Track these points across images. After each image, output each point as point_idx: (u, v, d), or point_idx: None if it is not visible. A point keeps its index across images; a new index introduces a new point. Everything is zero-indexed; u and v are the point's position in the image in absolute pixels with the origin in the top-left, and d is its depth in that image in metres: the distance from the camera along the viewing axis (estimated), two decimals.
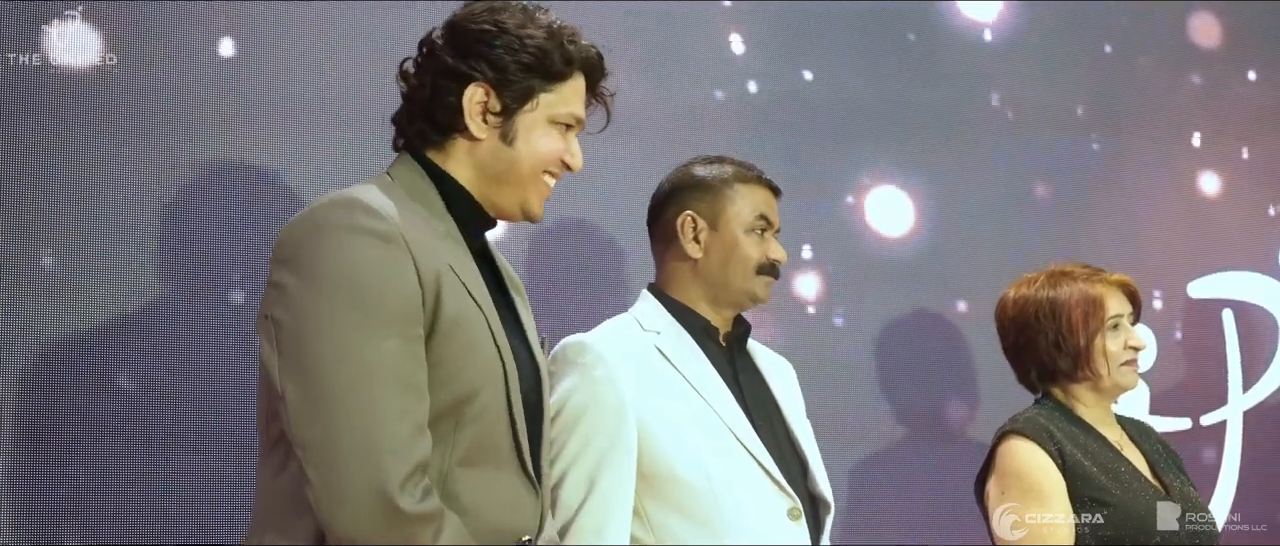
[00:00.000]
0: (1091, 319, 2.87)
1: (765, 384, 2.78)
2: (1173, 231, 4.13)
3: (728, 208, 2.72)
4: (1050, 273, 2.95)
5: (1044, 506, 2.76)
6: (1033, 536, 2.75)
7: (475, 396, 2.00)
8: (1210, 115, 4.28)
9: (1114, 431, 2.94)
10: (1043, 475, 2.78)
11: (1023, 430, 2.83)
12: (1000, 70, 3.97)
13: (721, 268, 2.71)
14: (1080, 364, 2.88)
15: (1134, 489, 2.81)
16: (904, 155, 3.79)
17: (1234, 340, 4.15)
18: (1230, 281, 4.19)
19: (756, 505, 2.58)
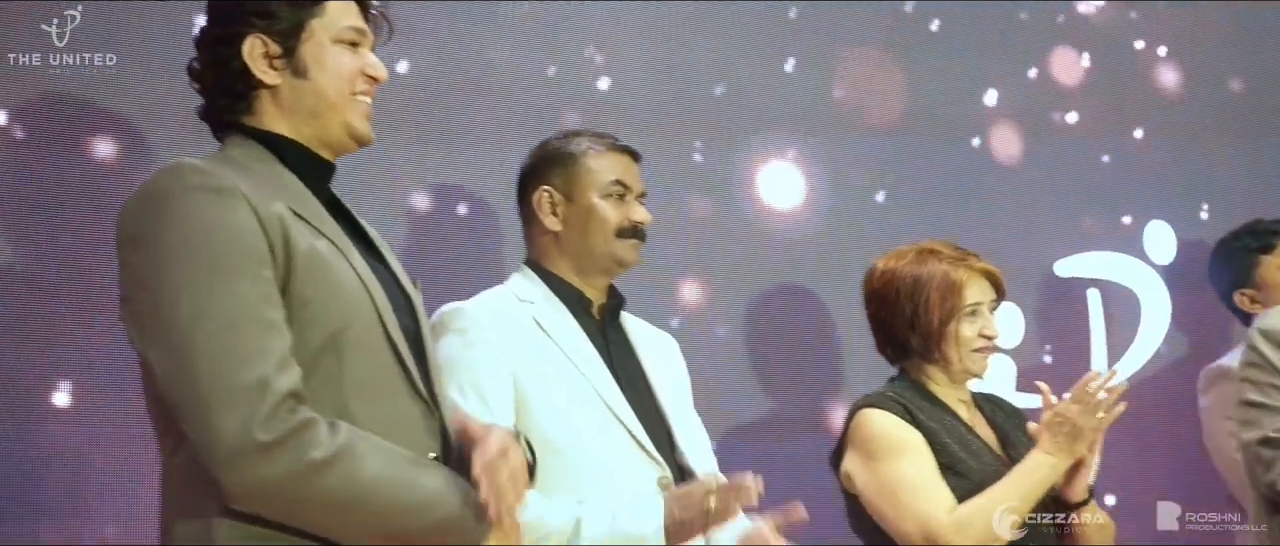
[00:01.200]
0: (947, 302, 2.92)
1: (636, 355, 2.86)
2: (1038, 210, 4.21)
3: (582, 177, 2.80)
4: (920, 249, 3.00)
5: (913, 455, 2.83)
6: (912, 480, 2.80)
7: (347, 328, 2.02)
8: (1096, 99, 4.37)
9: (966, 409, 3.01)
10: (906, 432, 2.86)
11: (875, 402, 2.91)
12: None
13: (582, 236, 2.80)
14: (932, 345, 2.94)
15: (984, 460, 2.89)
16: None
17: (1099, 319, 4.26)
18: (1096, 261, 4.29)
19: (626, 472, 2.66)
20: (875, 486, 2.85)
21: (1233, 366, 3.73)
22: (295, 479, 1.88)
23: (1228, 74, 4.58)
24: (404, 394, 2.08)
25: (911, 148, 4.11)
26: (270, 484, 1.88)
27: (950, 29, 4.17)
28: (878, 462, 2.85)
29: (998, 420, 3.04)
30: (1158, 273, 4.35)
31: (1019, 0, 4.31)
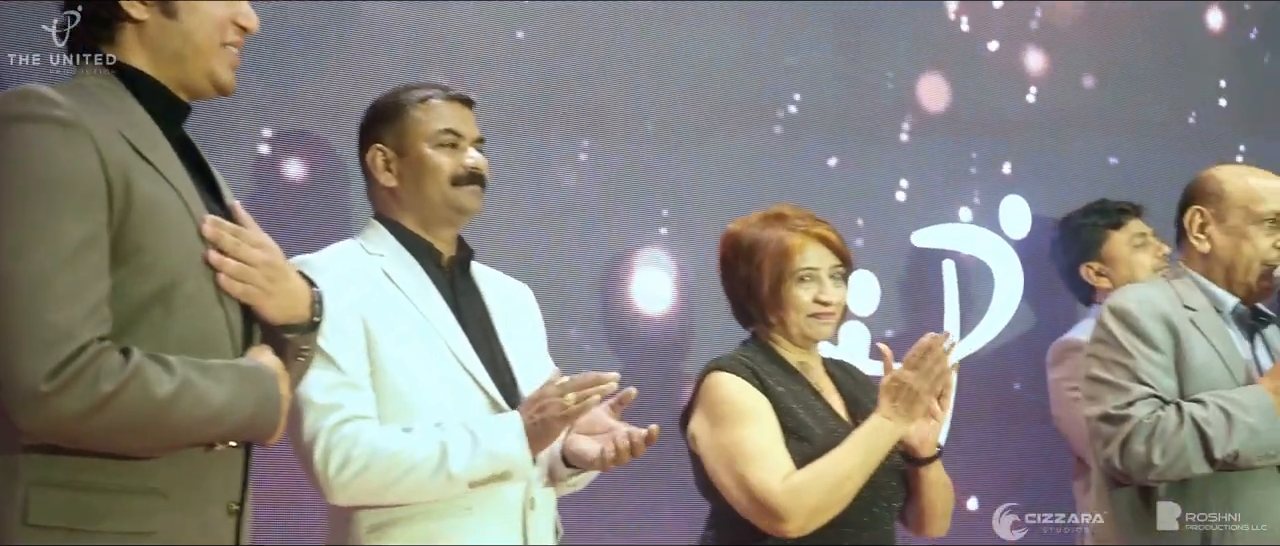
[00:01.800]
0: (778, 268, 2.93)
1: (485, 306, 2.87)
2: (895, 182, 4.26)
3: (411, 129, 2.82)
4: (768, 213, 3.01)
5: (757, 421, 2.85)
6: (754, 446, 2.82)
7: (181, 282, 2.01)
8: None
9: (815, 373, 3.03)
10: (752, 397, 2.87)
11: (724, 366, 2.92)
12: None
13: (418, 188, 2.81)
14: (767, 310, 2.96)
15: (829, 425, 2.92)
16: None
17: (953, 290, 4.32)
18: (952, 233, 4.35)
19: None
20: (716, 449, 2.87)
21: (1081, 340, 3.82)
22: (88, 413, 1.88)
23: (1082, 71, 4.67)
24: (230, 353, 2.07)
25: None
26: (64, 422, 1.88)
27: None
28: (721, 426, 2.87)
29: (847, 387, 3.06)
30: (1012, 247, 4.42)
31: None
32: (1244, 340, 3.17)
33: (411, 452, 2.59)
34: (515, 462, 2.62)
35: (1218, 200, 3.17)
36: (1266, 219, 3.14)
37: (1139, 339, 3.05)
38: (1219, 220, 3.16)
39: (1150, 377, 3.03)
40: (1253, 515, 3.01)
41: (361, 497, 2.61)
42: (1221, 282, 3.17)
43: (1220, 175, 3.22)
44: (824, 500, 2.78)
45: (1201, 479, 3.01)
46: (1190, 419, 2.95)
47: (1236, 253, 3.14)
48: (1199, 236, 3.18)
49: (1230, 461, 2.96)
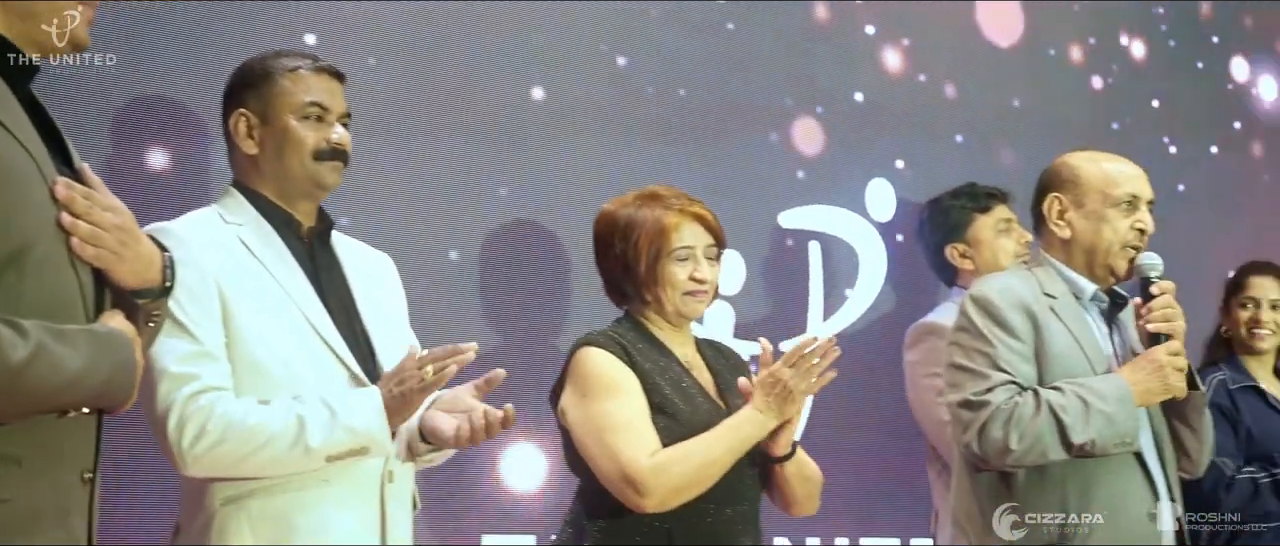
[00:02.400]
0: (655, 244, 2.96)
1: (344, 277, 2.87)
2: (767, 163, 4.30)
3: (277, 99, 2.80)
4: (643, 193, 3.04)
5: (624, 396, 2.88)
6: (620, 419, 2.85)
7: (33, 245, 1.98)
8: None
9: (686, 351, 3.07)
10: (620, 372, 2.90)
11: (595, 341, 2.96)
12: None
13: (278, 159, 2.79)
14: (643, 288, 2.99)
15: (696, 403, 2.96)
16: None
17: (818, 271, 4.38)
18: (819, 214, 4.40)
19: (331, 393, 2.67)
20: (584, 424, 2.89)
21: (939, 323, 3.90)
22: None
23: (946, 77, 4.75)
24: (83, 318, 2.05)
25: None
26: None
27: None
28: (589, 401, 2.90)
29: (718, 366, 3.10)
30: (876, 229, 4.49)
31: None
32: (1102, 326, 3.24)
33: (268, 426, 2.58)
34: (373, 437, 2.63)
35: (1074, 186, 3.24)
36: (1123, 201, 3.20)
37: (999, 327, 3.12)
38: (1077, 206, 3.23)
39: (1009, 365, 3.09)
40: (1110, 506, 3.08)
41: (216, 469, 2.60)
42: (1083, 268, 3.24)
43: (1074, 162, 3.28)
44: (687, 480, 2.81)
45: (1060, 470, 3.07)
46: (1047, 405, 3.01)
47: (1097, 236, 3.21)
48: (1059, 223, 3.24)
49: (1088, 448, 3.02)
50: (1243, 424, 4.06)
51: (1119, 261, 3.20)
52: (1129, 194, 3.21)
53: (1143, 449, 3.12)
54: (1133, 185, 3.22)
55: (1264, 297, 4.18)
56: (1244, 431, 4.06)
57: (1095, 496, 3.07)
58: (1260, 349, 4.20)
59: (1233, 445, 4.01)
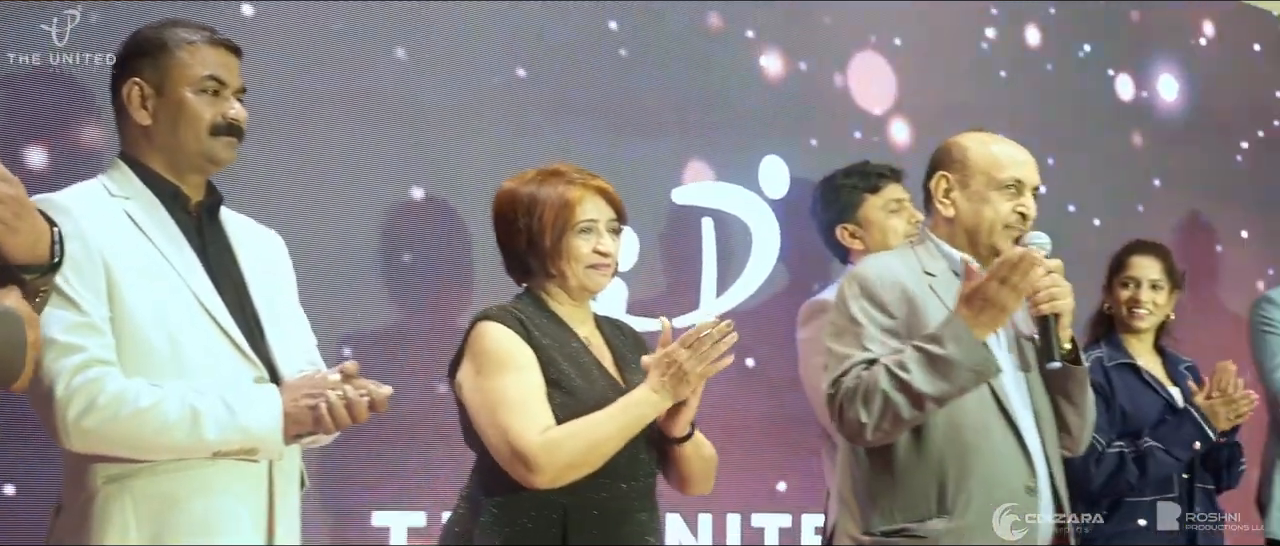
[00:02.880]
0: (561, 219, 2.98)
1: (233, 253, 2.83)
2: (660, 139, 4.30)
3: (174, 70, 2.75)
4: (544, 170, 3.06)
5: (519, 372, 2.89)
6: (513, 395, 2.86)
7: None
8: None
9: (585, 327, 3.08)
10: (516, 347, 2.91)
11: (494, 315, 2.96)
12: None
13: (172, 132, 2.75)
14: (549, 262, 3.00)
15: (594, 379, 2.98)
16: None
17: (711, 248, 4.39)
18: (712, 191, 4.42)
19: (221, 371, 2.65)
20: (478, 399, 2.90)
21: (831, 300, 3.92)
22: None
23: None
24: None
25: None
26: None
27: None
28: (484, 376, 2.90)
29: (617, 342, 3.12)
30: (770, 206, 4.51)
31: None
32: None
33: (163, 412, 2.54)
34: (267, 442, 2.61)
35: (962, 167, 3.27)
36: (1008, 184, 3.24)
37: (872, 305, 3.15)
38: (963, 186, 3.26)
39: (874, 342, 3.13)
40: (988, 480, 3.11)
41: (100, 446, 2.56)
42: (966, 247, 3.27)
43: (964, 142, 3.32)
44: (578, 458, 2.82)
45: (938, 445, 3.11)
46: (885, 369, 3.05)
47: (978, 217, 3.24)
48: (944, 202, 3.28)
49: (942, 395, 3.04)
50: (1116, 401, 4.15)
51: (1000, 241, 3.24)
52: (1013, 178, 3.25)
53: (1020, 423, 3.16)
54: (1018, 170, 3.26)
55: (1145, 277, 4.27)
56: (1118, 408, 4.14)
57: (972, 470, 3.10)
58: (1139, 327, 4.28)
59: (1105, 421, 4.07)
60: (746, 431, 4.38)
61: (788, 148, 4.57)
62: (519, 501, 2.87)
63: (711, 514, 4.30)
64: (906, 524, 3.13)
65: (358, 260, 3.74)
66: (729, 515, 4.34)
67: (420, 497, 3.78)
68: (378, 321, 3.75)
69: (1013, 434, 3.15)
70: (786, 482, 4.43)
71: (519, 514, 2.87)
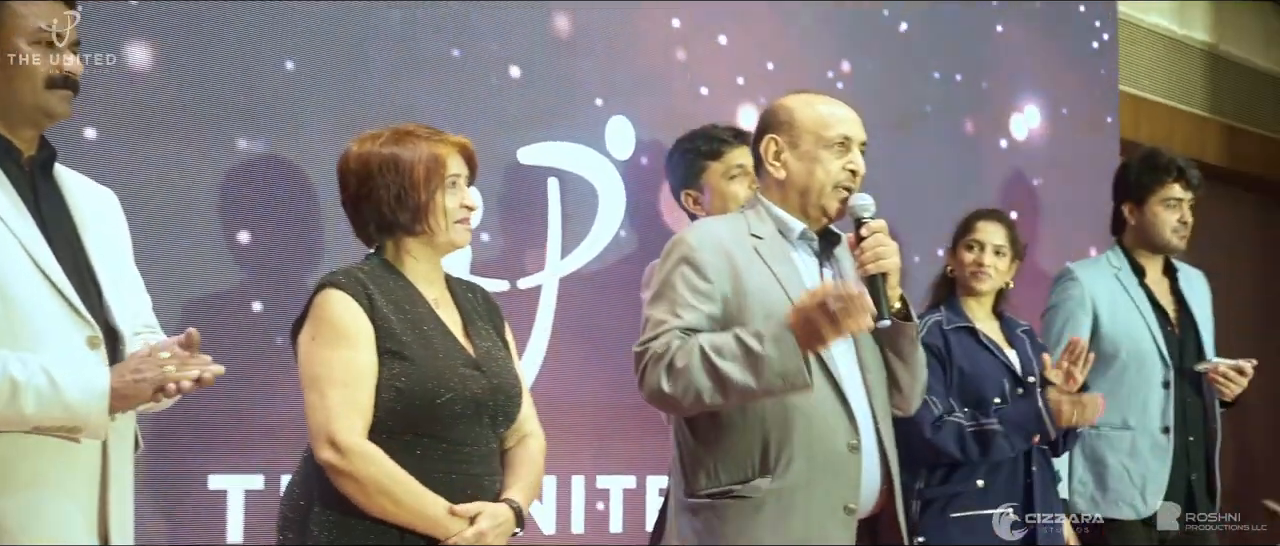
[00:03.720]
0: (433, 176, 3.01)
1: (68, 210, 2.78)
2: (504, 98, 4.27)
3: (7, 22, 2.71)
4: (396, 130, 3.07)
5: (351, 348, 2.90)
6: (341, 373, 2.87)
7: None
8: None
9: (436, 289, 3.09)
10: (355, 322, 2.92)
11: (338, 282, 2.96)
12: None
13: (7, 86, 2.70)
14: (420, 218, 3.01)
15: (436, 345, 2.98)
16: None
17: (557, 208, 4.38)
18: (558, 151, 4.40)
19: (53, 330, 2.62)
20: (308, 367, 2.93)
21: None
22: None
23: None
24: None
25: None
26: None
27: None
28: (317, 345, 2.92)
29: (467, 305, 3.13)
30: (616, 167, 4.51)
31: None
32: (813, 263, 3.31)
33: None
34: (89, 421, 2.58)
35: (790, 128, 3.29)
36: (836, 143, 3.26)
37: (691, 270, 3.16)
38: (792, 147, 3.28)
39: (687, 308, 3.15)
40: (809, 439, 3.13)
41: None
42: (797, 208, 3.29)
43: (790, 104, 3.34)
44: (375, 487, 2.86)
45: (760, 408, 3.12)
46: (700, 349, 3.06)
47: (810, 177, 3.26)
48: (774, 164, 3.30)
49: (749, 390, 3.03)
50: (954, 362, 4.24)
51: (830, 201, 3.27)
52: (841, 135, 3.27)
53: (843, 381, 3.18)
54: (845, 127, 3.29)
55: (989, 242, 4.36)
56: (955, 370, 4.23)
57: (794, 429, 3.13)
58: (980, 290, 4.37)
59: (942, 384, 4.18)
60: (592, 393, 4.38)
61: (634, 109, 4.56)
62: None
63: (556, 476, 4.30)
64: (730, 484, 3.15)
65: (192, 217, 3.64)
66: (574, 477, 4.35)
67: (258, 460, 3.71)
68: (214, 280, 3.67)
69: (835, 393, 3.18)
70: (631, 445, 4.45)
71: None
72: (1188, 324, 4.74)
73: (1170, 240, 4.71)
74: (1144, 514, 4.55)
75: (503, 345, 3.15)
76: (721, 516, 3.14)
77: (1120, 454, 4.58)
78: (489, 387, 3.00)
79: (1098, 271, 4.75)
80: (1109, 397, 4.52)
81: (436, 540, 2.91)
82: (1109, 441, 4.60)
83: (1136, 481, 4.56)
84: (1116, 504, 4.56)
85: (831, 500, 3.15)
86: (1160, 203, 4.70)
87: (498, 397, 3.02)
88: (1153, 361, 4.63)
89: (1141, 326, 4.65)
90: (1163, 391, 4.61)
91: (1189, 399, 4.63)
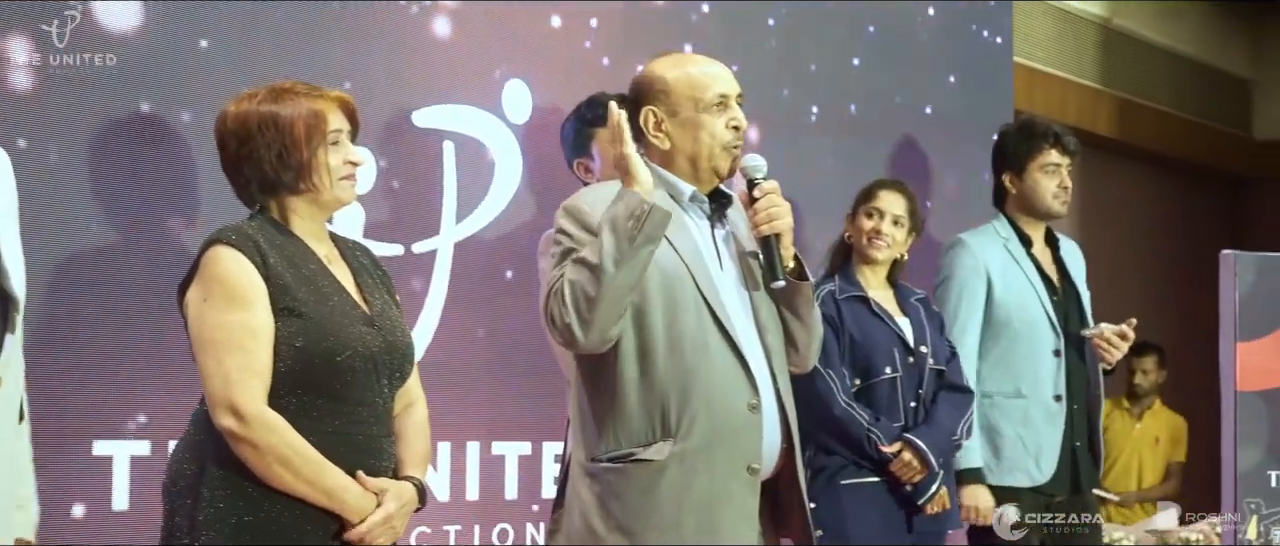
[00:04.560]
0: (314, 133, 2.96)
1: None
2: (402, 59, 4.23)
3: None
4: (275, 88, 3.01)
5: (246, 309, 2.85)
6: (237, 336, 2.83)
7: None
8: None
9: (324, 246, 3.05)
10: (248, 281, 2.86)
11: (228, 239, 2.90)
12: None
13: None
14: (303, 176, 2.96)
15: (333, 303, 2.95)
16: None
17: (452, 172, 4.35)
18: (454, 114, 4.36)
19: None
20: (201, 330, 2.87)
21: None
22: None
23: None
24: None
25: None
26: None
27: None
28: (213, 306, 2.86)
29: (355, 263, 3.10)
30: (513, 131, 4.48)
31: None
32: (705, 225, 3.28)
33: None
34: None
35: (666, 97, 3.24)
36: (714, 103, 3.23)
37: (579, 228, 3.13)
38: (671, 115, 3.24)
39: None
40: (709, 399, 3.12)
41: None
42: (687, 174, 3.26)
43: (659, 71, 3.28)
44: (275, 458, 2.82)
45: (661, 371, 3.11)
46: (569, 262, 3.05)
47: (697, 143, 3.23)
48: (657, 136, 3.25)
49: (619, 254, 3.00)
50: (845, 330, 4.29)
51: (721, 162, 3.25)
52: (718, 94, 3.24)
53: (741, 341, 3.18)
54: (721, 85, 3.26)
55: (889, 211, 4.39)
56: (846, 336, 4.29)
57: (694, 391, 3.12)
58: (877, 258, 4.41)
59: (837, 353, 4.24)
60: (486, 360, 4.37)
61: (531, 73, 4.53)
62: None
63: (451, 442, 4.28)
64: (632, 448, 3.13)
65: (72, 179, 3.57)
66: (469, 443, 4.33)
67: (143, 425, 3.66)
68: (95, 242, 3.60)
69: (734, 354, 3.16)
70: (526, 411, 4.44)
71: None
72: (1070, 292, 4.81)
73: (1052, 205, 4.76)
74: (1038, 481, 4.60)
75: (394, 304, 3.13)
76: (625, 480, 3.13)
77: (1014, 422, 4.63)
78: (385, 345, 2.98)
79: (988, 241, 4.78)
80: (1002, 367, 4.64)
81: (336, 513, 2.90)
82: (1002, 410, 4.64)
83: (1031, 449, 4.61)
84: (1012, 472, 4.61)
85: (734, 461, 3.14)
86: (1039, 169, 4.74)
87: (393, 356, 3.00)
88: (1043, 330, 4.68)
89: (1032, 295, 4.70)
90: (1054, 359, 4.67)
91: (1074, 366, 4.70)
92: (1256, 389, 4.74)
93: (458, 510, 4.29)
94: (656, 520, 3.12)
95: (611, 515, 3.14)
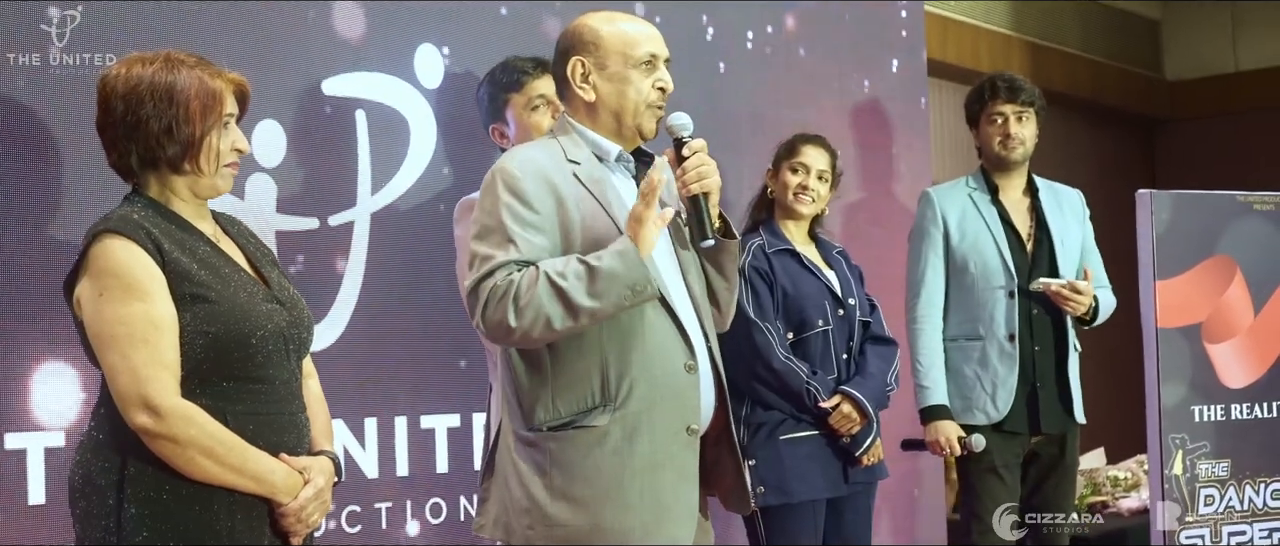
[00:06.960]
0: (209, 114, 2.84)
1: None
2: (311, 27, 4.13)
3: None
4: (167, 58, 2.87)
5: (146, 300, 2.74)
6: (140, 329, 2.72)
7: None
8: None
9: (208, 224, 2.95)
10: (145, 271, 2.75)
11: (117, 228, 2.78)
12: None
13: None
14: (188, 155, 2.84)
15: (234, 283, 2.87)
16: None
17: (366, 141, 4.26)
18: (366, 82, 4.27)
19: None
20: (100, 326, 2.75)
21: None
22: None
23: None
24: None
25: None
26: None
27: None
28: (110, 301, 2.74)
29: (239, 237, 3.02)
30: (426, 97, 4.40)
31: None
32: (631, 185, 3.28)
33: None
34: None
35: (596, 49, 3.24)
36: (643, 62, 3.23)
37: (516, 200, 3.11)
38: (599, 68, 3.23)
39: (520, 240, 3.09)
40: (646, 362, 3.13)
41: None
42: (611, 131, 3.26)
43: (593, 23, 3.27)
44: (198, 449, 2.74)
45: (596, 336, 3.11)
46: (545, 276, 3.03)
47: (622, 99, 3.23)
48: (583, 87, 3.25)
49: (598, 309, 3.03)
50: (779, 283, 4.33)
51: (646, 122, 3.25)
52: (649, 53, 3.25)
53: (674, 302, 3.19)
54: (652, 45, 3.26)
55: (814, 166, 4.45)
56: (780, 289, 4.33)
57: (632, 355, 3.13)
58: (801, 213, 4.45)
59: (772, 306, 4.29)
60: (408, 331, 4.30)
61: (442, 36, 4.45)
62: None
63: (377, 418, 4.21)
64: (572, 415, 3.13)
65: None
66: (397, 418, 4.26)
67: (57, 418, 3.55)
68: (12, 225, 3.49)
69: (669, 315, 3.18)
70: (452, 382, 4.38)
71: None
72: (1044, 240, 4.89)
73: (998, 152, 4.91)
74: (996, 419, 4.76)
75: (285, 275, 3.06)
76: (567, 447, 3.12)
77: (973, 363, 4.79)
78: (290, 320, 2.91)
79: (953, 192, 4.96)
80: (961, 309, 4.83)
81: (265, 497, 2.83)
82: (963, 351, 4.81)
83: (988, 387, 4.76)
84: (972, 411, 4.77)
85: (674, 422, 3.16)
86: (987, 121, 4.93)
87: (299, 330, 2.94)
88: (997, 273, 4.81)
89: (989, 240, 4.84)
90: (1007, 300, 4.78)
91: (1036, 310, 4.80)
92: (1176, 325, 4.82)
93: (388, 487, 4.23)
94: (600, 485, 3.11)
95: (553, 483, 3.13)
